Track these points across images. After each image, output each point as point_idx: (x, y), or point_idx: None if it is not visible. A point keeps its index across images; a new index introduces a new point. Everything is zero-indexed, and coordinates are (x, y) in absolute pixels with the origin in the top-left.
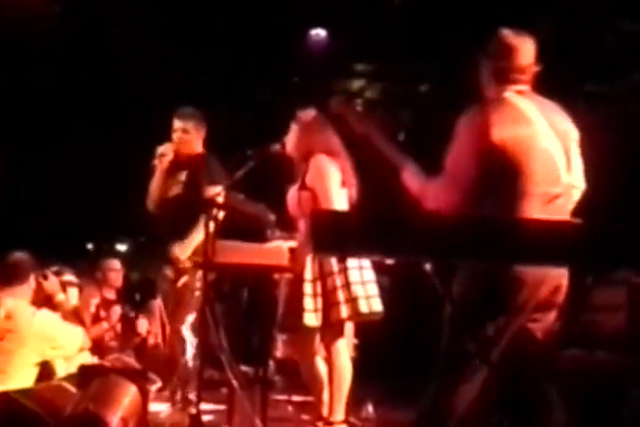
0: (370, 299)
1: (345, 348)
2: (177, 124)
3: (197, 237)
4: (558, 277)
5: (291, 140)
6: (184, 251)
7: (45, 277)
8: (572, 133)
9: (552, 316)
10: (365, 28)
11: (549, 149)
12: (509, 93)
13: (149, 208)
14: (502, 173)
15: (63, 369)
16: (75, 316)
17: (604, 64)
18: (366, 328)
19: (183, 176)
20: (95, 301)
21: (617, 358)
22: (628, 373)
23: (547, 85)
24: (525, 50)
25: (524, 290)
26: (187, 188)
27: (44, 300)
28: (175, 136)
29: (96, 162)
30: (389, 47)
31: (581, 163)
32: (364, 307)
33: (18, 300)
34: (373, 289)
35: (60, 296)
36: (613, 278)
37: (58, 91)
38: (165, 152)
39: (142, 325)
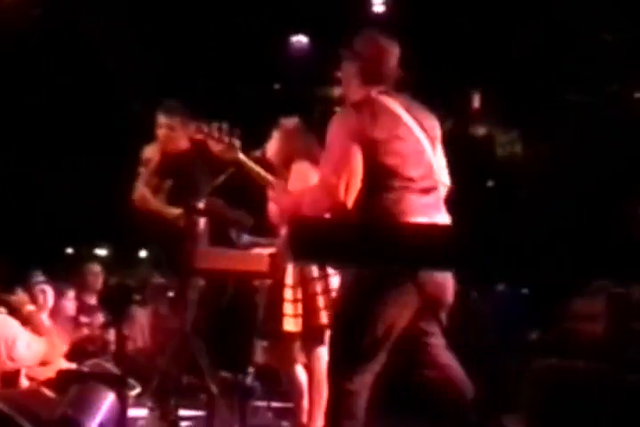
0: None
1: (325, 355)
2: (161, 119)
3: None
4: (444, 276)
5: (272, 146)
6: None
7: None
8: (437, 131)
9: (441, 315)
10: (347, 35)
11: (420, 145)
12: (376, 93)
13: (135, 205)
14: (382, 171)
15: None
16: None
17: (584, 74)
18: None
19: (168, 184)
20: (70, 304)
21: (596, 367)
22: (606, 382)
23: (527, 95)
24: (394, 53)
25: (412, 288)
26: (170, 198)
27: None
28: (160, 134)
29: (76, 166)
30: None
31: (444, 160)
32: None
33: None
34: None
35: (28, 308)
36: (593, 288)
37: (35, 94)
38: (150, 157)
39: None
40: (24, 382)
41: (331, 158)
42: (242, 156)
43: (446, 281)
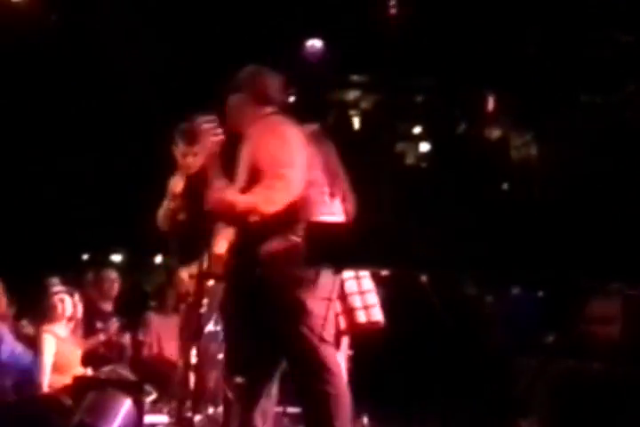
0: (369, 309)
1: (342, 360)
2: (182, 147)
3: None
4: None
5: None
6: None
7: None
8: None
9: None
10: (361, 39)
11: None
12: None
13: (160, 227)
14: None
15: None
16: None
17: (599, 75)
18: (362, 340)
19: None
20: (80, 308)
21: (611, 369)
22: (622, 384)
23: (541, 96)
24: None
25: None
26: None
27: None
28: (183, 161)
29: (93, 173)
30: (385, 58)
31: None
32: (361, 317)
33: None
34: (373, 299)
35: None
36: (608, 290)
37: (56, 99)
38: (176, 191)
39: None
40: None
41: (276, 166)
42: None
43: None
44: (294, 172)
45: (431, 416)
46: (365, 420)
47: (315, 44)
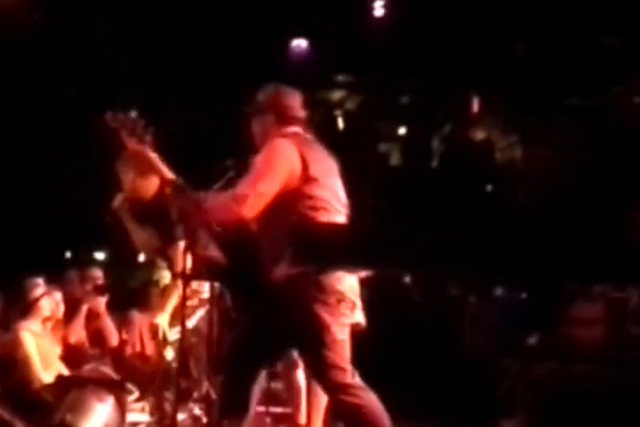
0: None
1: None
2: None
3: None
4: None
5: None
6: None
7: None
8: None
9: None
10: (347, 39)
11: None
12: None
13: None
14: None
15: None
16: None
17: (584, 78)
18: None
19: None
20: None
21: (594, 372)
22: (604, 387)
23: (526, 99)
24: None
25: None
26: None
27: None
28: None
29: (73, 170)
30: (370, 58)
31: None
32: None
33: None
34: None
35: None
36: (592, 293)
37: (37, 98)
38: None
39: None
40: None
41: (266, 179)
42: (149, 151)
43: None
44: (264, 187)
45: (413, 418)
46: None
47: (300, 43)
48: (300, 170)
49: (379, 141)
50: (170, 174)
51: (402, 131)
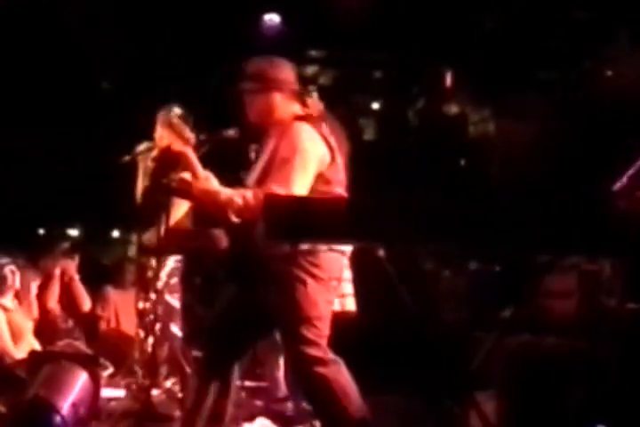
0: (344, 298)
1: None
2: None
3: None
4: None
5: None
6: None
7: None
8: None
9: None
10: (319, 14)
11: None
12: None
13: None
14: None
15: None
16: None
17: (555, 51)
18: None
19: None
20: (35, 284)
21: (566, 344)
22: (578, 359)
23: (499, 73)
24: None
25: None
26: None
27: None
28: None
29: (49, 147)
30: (343, 33)
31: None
32: (336, 306)
33: None
34: (348, 288)
35: None
36: (564, 265)
37: (11, 76)
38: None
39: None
40: None
41: (296, 170)
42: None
43: None
44: (300, 187)
45: (385, 391)
46: None
47: (272, 18)
48: (329, 159)
49: (354, 116)
50: (202, 172)
51: (375, 106)
